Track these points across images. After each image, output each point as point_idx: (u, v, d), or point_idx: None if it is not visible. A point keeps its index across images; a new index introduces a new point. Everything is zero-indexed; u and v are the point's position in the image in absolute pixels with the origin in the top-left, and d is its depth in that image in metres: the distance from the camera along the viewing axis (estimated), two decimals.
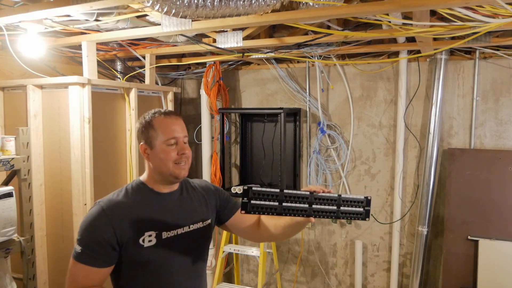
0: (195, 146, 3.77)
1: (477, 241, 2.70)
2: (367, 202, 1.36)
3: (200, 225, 1.46)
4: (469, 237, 2.73)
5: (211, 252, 3.46)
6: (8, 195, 2.02)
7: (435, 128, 2.87)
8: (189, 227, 1.43)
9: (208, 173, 3.42)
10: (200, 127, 3.47)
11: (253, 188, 1.29)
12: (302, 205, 1.32)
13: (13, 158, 2.10)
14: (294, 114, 3.32)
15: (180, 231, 1.40)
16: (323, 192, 1.34)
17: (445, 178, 2.92)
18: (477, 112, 2.88)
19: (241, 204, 1.30)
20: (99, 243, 1.27)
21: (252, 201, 1.29)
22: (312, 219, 1.34)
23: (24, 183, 2.17)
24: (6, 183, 2.25)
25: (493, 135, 2.86)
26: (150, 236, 1.33)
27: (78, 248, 1.28)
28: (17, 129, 2.17)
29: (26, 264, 2.16)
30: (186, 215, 1.44)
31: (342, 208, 1.34)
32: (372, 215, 3.21)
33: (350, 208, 1.35)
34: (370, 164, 3.22)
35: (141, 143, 1.40)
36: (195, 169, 3.82)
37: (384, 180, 3.19)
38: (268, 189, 1.30)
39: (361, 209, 1.36)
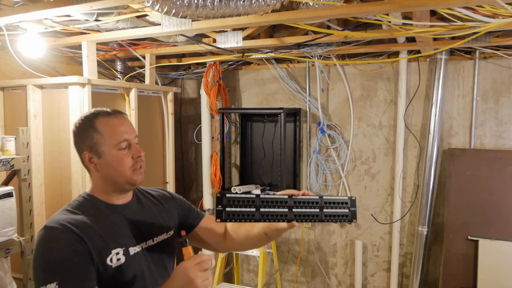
0: (195, 146, 3.77)
1: (477, 241, 2.70)
2: (351, 202, 1.27)
3: (164, 236, 1.32)
4: (469, 237, 2.73)
5: (211, 252, 3.45)
6: (8, 195, 2.02)
7: (435, 128, 2.87)
8: (153, 240, 1.27)
9: (208, 173, 3.42)
10: (200, 127, 3.46)
11: (227, 195, 1.21)
12: (281, 209, 1.23)
13: (13, 158, 2.10)
14: (294, 114, 3.32)
15: (144, 245, 1.24)
16: (304, 195, 1.24)
17: (445, 178, 2.92)
18: (477, 112, 2.88)
19: (216, 212, 1.20)
20: (73, 262, 1.06)
21: (228, 209, 1.20)
22: (295, 223, 1.23)
23: (24, 183, 2.17)
24: (6, 183, 2.24)
25: (493, 135, 2.86)
26: (117, 254, 1.15)
27: (50, 286, 1.02)
28: (17, 129, 2.17)
29: (26, 264, 2.16)
30: (149, 227, 1.28)
31: (325, 210, 1.25)
32: (372, 215, 3.21)
33: (334, 210, 1.26)
34: (370, 164, 3.22)
35: (84, 153, 1.18)
36: (195, 169, 3.82)
37: (384, 180, 3.19)
38: (243, 195, 1.22)
39: (346, 210, 1.27)
